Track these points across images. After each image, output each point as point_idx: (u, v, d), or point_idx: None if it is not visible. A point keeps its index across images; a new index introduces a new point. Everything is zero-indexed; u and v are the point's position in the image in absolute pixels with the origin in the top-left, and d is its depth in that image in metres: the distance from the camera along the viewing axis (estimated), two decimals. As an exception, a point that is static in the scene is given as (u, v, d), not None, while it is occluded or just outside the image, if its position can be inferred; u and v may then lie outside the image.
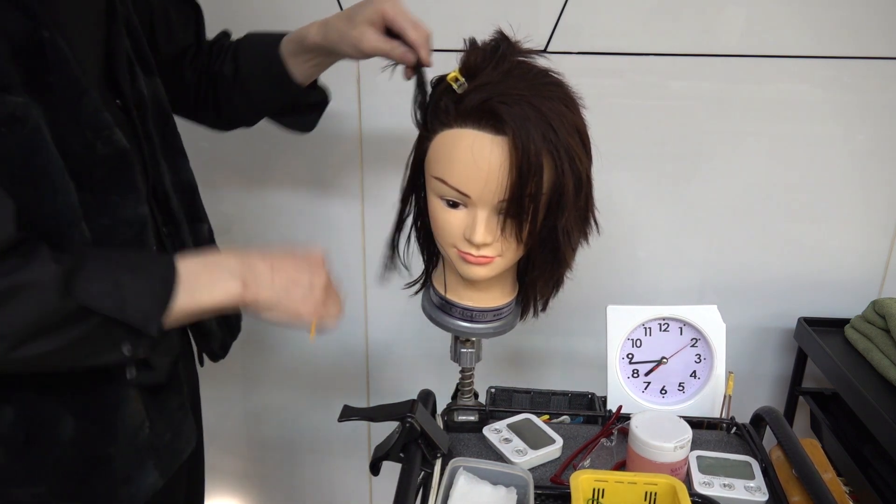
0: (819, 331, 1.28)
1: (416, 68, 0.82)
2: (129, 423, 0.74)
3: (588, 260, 0.87)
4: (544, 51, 1.21)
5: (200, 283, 0.68)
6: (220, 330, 0.94)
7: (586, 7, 1.19)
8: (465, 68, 0.75)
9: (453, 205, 0.77)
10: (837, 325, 1.30)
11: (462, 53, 0.77)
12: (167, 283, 0.65)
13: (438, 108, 0.75)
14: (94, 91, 0.67)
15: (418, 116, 0.81)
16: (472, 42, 0.77)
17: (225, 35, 0.99)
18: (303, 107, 0.98)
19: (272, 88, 0.92)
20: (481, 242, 0.76)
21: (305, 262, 0.76)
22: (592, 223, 0.82)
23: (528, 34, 0.78)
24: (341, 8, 1.21)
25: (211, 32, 0.99)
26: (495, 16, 0.82)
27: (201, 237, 0.90)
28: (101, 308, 0.62)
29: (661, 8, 1.18)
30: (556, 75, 0.76)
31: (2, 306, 0.57)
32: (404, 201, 0.85)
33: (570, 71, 0.78)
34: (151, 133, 0.79)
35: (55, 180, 0.64)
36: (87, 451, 0.73)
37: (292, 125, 1.00)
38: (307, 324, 0.76)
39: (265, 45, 0.91)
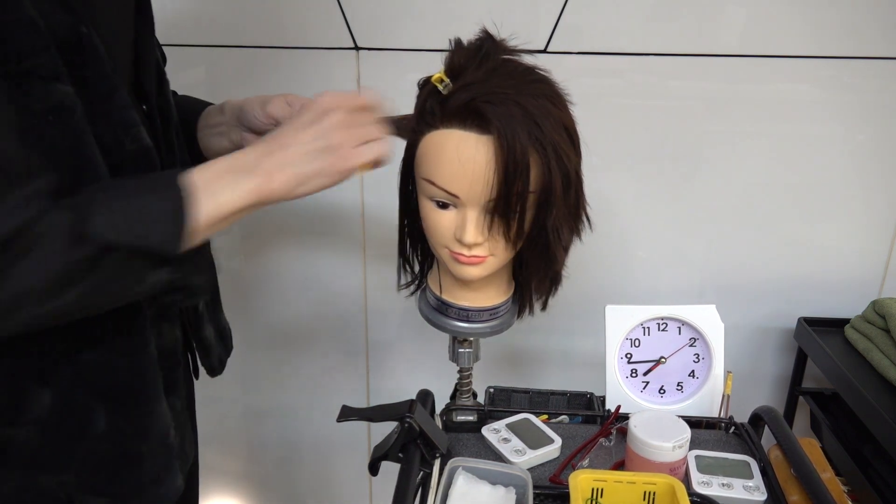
0: (819, 331, 1.28)
1: None
2: (161, 423, 0.74)
3: (587, 259, 0.87)
4: (544, 51, 1.21)
5: (219, 187, 0.63)
6: (218, 345, 0.94)
7: (586, 7, 1.19)
8: (450, 69, 0.75)
9: (443, 206, 0.77)
10: (837, 325, 1.29)
11: (447, 54, 0.76)
12: (180, 197, 0.61)
13: (424, 110, 0.75)
14: (124, 89, 0.67)
15: None
16: (458, 42, 0.77)
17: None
18: None
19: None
20: (472, 242, 0.76)
21: (312, 115, 0.69)
22: (585, 220, 0.82)
23: (526, 34, 0.78)
24: (341, 8, 1.21)
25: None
26: (495, 16, 0.82)
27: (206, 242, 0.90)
28: (116, 243, 0.58)
29: (661, 8, 1.18)
30: (541, 72, 0.76)
31: (17, 265, 0.56)
32: (401, 206, 0.86)
33: (570, 71, 0.78)
34: (173, 142, 0.79)
35: (98, 169, 0.63)
36: (119, 447, 0.72)
37: None
38: (350, 174, 0.70)
39: (189, 107, 0.91)
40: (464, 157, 0.72)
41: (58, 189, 0.59)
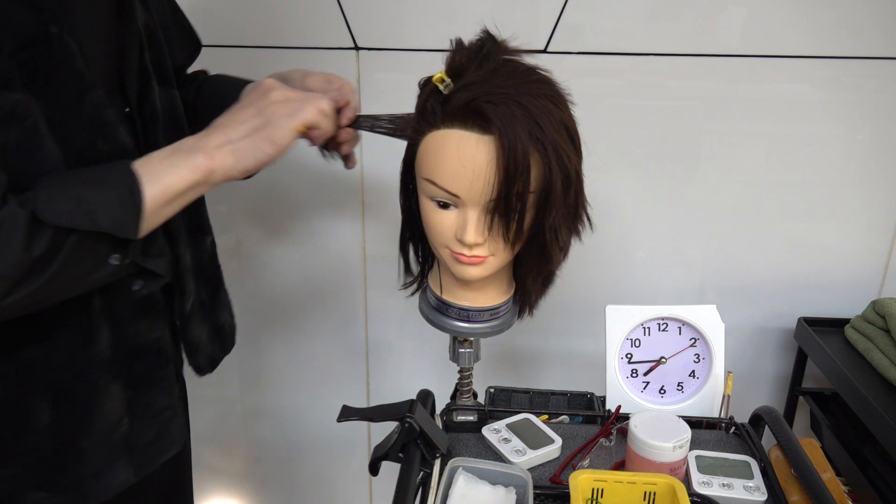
0: (819, 331, 1.28)
1: (324, 147, 0.85)
2: (106, 419, 0.74)
3: (587, 259, 0.87)
4: (544, 50, 1.21)
5: (162, 168, 0.66)
6: (211, 344, 0.93)
7: (586, 7, 1.19)
8: (451, 69, 0.75)
9: (444, 206, 0.77)
10: (837, 325, 1.30)
11: (448, 54, 0.77)
12: (129, 184, 0.63)
13: (425, 110, 0.75)
14: (100, 89, 0.67)
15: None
16: (459, 42, 0.77)
17: (203, 72, 0.99)
18: None
19: None
20: (472, 242, 0.76)
21: (254, 95, 0.73)
22: (585, 220, 0.82)
23: (527, 34, 0.78)
24: (341, 8, 1.21)
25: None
26: (495, 16, 0.82)
27: (202, 249, 0.90)
28: (72, 224, 0.60)
29: (661, 8, 1.18)
30: (542, 72, 0.76)
31: None
32: (402, 205, 0.86)
33: (570, 71, 0.78)
34: (159, 145, 0.77)
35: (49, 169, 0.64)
36: (59, 442, 0.73)
37: None
38: (286, 142, 0.71)
39: (228, 84, 0.92)
40: (465, 157, 0.72)
41: (9, 189, 0.60)
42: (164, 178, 0.65)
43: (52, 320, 0.70)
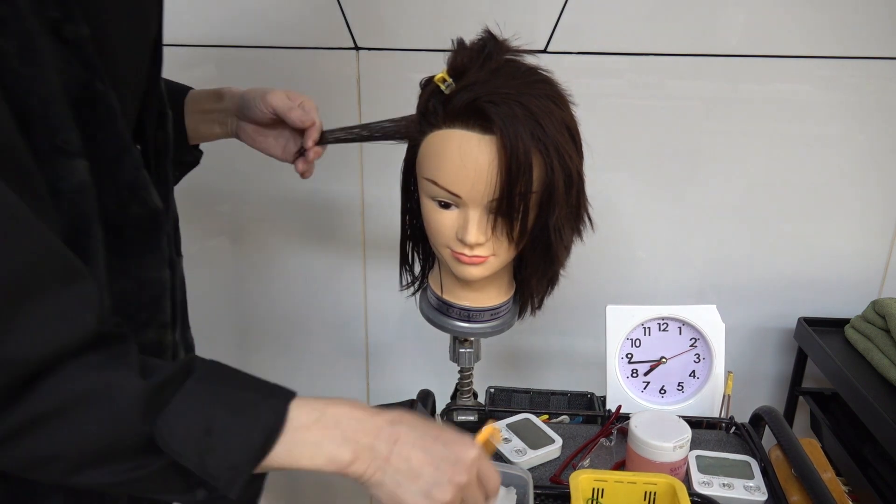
0: (819, 331, 1.28)
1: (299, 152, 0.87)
2: None
3: (587, 259, 0.87)
4: (544, 50, 1.21)
5: (306, 441, 0.55)
6: None
7: (586, 7, 1.19)
8: (453, 69, 0.75)
9: (445, 205, 0.77)
10: (837, 325, 1.29)
11: (449, 54, 0.77)
12: (268, 436, 0.53)
13: (427, 110, 0.75)
14: (134, 148, 0.62)
15: None
16: (460, 42, 0.77)
17: None
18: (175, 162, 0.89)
19: None
20: (474, 242, 0.76)
21: (447, 455, 0.58)
22: (586, 220, 0.82)
23: (527, 34, 0.78)
24: (341, 8, 1.21)
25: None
26: (496, 16, 0.82)
27: (178, 272, 0.82)
28: (179, 457, 0.51)
29: (661, 8, 1.18)
30: (544, 73, 0.76)
31: (67, 416, 0.47)
32: (403, 206, 0.86)
33: (570, 71, 0.78)
34: (168, 174, 0.74)
35: (96, 251, 0.57)
36: None
37: None
38: None
39: (173, 91, 0.87)
40: (466, 157, 0.72)
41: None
42: (299, 453, 0.54)
43: None
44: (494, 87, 0.71)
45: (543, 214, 0.76)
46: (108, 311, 0.57)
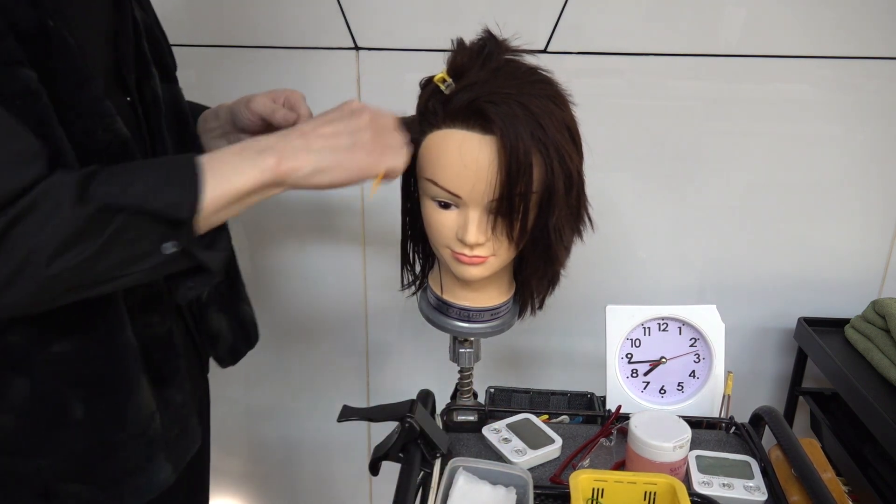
0: (819, 331, 1.28)
1: None
2: (140, 413, 0.74)
3: (587, 259, 0.87)
4: (544, 50, 1.21)
5: (229, 166, 0.64)
6: (233, 334, 0.93)
7: (586, 7, 1.19)
8: (452, 69, 0.75)
9: (445, 206, 0.77)
10: (837, 325, 1.30)
11: (449, 54, 0.77)
12: (190, 170, 0.61)
13: (427, 110, 0.75)
14: (99, 79, 0.67)
15: None
16: (460, 42, 0.77)
17: None
18: None
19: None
20: (474, 242, 0.76)
21: (339, 113, 0.70)
22: (586, 220, 0.82)
23: (527, 34, 0.78)
24: (341, 8, 1.21)
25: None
26: (495, 16, 0.82)
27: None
28: (121, 203, 0.58)
29: (661, 8, 1.18)
30: (544, 73, 0.76)
31: (20, 223, 0.55)
32: (403, 206, 0.86)
33: (570, 71, 0.78)
34: (163, 132, 0.79)
35: (67, 156, 0.63)
36: (95, 435, 0.72)
37: None
38: (369, 175, 0.69)
39: (194, 112, 0.93)
40: (466, 158, 0.72)
41: (49, 158, 0.59)
42: (230, 176, 0.63)
43: (82, 312, 0.69)
44: (494, 87, 0.71)
45: (543, 215, 0.76)
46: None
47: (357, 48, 1.24)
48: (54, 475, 0.72)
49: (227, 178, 0.63)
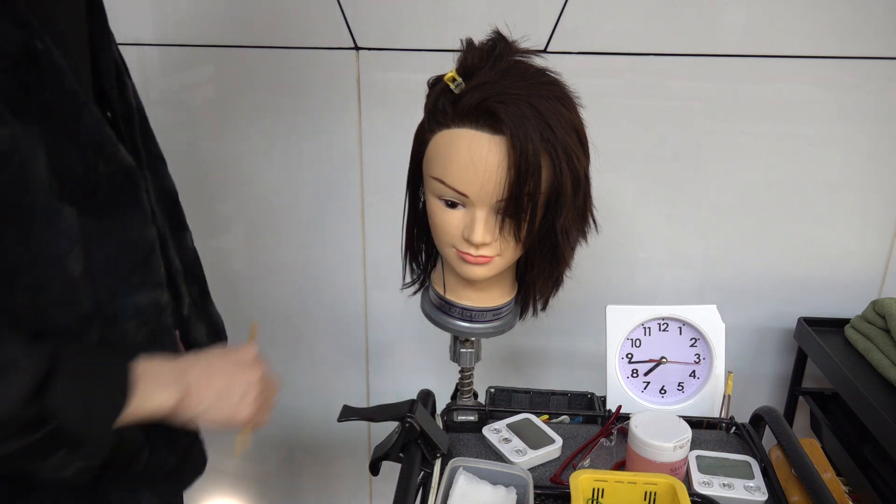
0: (819, 331, 1.28)
1: None
2: (123, 452, 0.71)
3: (588, 260, 0.87)
4: (544, 51, 1.21)
5: (142, 391, 0.63)
6: (210, 340, 0.90)
7: (586, 7, 1.19)
8: (462, 68, 0.75)
9: (452, 205, 0.77)
10: (837, 325, 1.30)
11: (459, 54, 0.77)
12: (123, 392, 0.61)
13: (436, 109, 0.75)
14: (93, 105, 0.61)
15: None
16: (469, 42, 0.77)
17: None
18: None
19: None
20: (480, 242, 0.76)
21: (239, 365, 0.75)
22: (591, 222, 0.82)
23: (527, 34, 0.78)
24: (341, 8, 1.21)
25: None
26: (495, 16, 0.82)
27: (185, 247, 0.87)
28: (67, 419, 0.57)
29: (661, 8, 1.18)
30: (553, 74, 0.76)
31: None
32: (409, 204, 0.86)
33: (570, 71, 0.78)
34: (139, 145, 0.74)
35: (40, 216, 0.58)
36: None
37: None
38: (239, 429, 0.75)
39: None
40: (476, 157, 0.72)
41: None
42: (141, 402, 0.62)
43: None
44: (504, 88, 0.71)
45: (550, 216, 0.76)
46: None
47: (357, 48, 1.24)
48: None
49: (139, 404, 0.62)
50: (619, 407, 0.97)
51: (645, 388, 1.00)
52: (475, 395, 1.01)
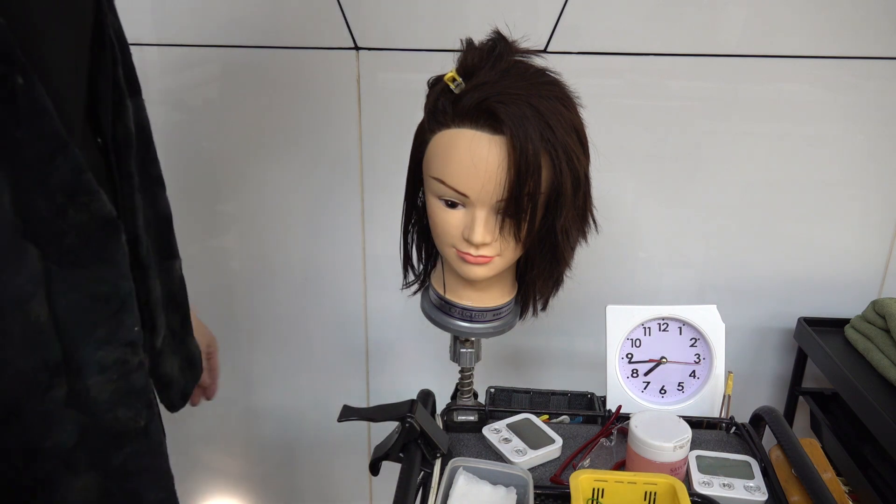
0: (819, 331, 1.28)
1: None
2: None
3: (588, 260, 0.87)
4: (544, 51, 1.21)
5: None
6: (183, 376, 0.84)
7: (586, 7, 1.19)
8: (463, 68, 0.75)
9: (452, 205, 0.77)
10: (837, 325, 1.30)
11: (459, 54, 0.77)
12: None
13: (436, 109, 0.75)
14: (75, 147, 0.56)
15: None
16: (469, 42, 0.77)
17: None
18: None
19: None
20: (480, 242, 0.76)
21: None
22: (591, 222, 0.82)
23: (527, 34, 0.78)
24: (341, 8, 1.21)
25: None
26: (495, 16, 0.82)
27: (172, 276, 0.81)
28: None
29: (661, 8, 1.18)
30: (553, 74, 0.76)
31: None
32: (408, 204, 0.86)
33: (570, 71, 0.78)
34: (132, 171, 0.69)
35: (1, 252, 0.53)
36: None
37: None
38: None
39: None
40: (476, 157, 0.72)
41: None
42: None
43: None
44: (504, 88, 0.71)
45: (550, 216, 0.76)
46: None
47: (357, 48, 1.24)
48: None
49: None
50: (619, 407, 0.97)
51: (645, 388, 1.00)
52: (475, 395, 1.01)
